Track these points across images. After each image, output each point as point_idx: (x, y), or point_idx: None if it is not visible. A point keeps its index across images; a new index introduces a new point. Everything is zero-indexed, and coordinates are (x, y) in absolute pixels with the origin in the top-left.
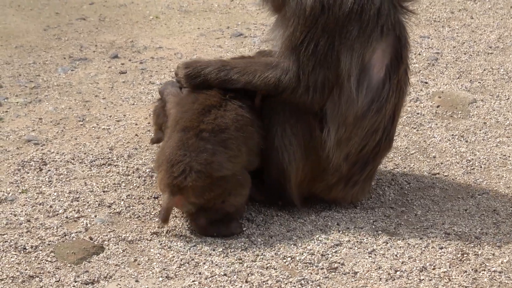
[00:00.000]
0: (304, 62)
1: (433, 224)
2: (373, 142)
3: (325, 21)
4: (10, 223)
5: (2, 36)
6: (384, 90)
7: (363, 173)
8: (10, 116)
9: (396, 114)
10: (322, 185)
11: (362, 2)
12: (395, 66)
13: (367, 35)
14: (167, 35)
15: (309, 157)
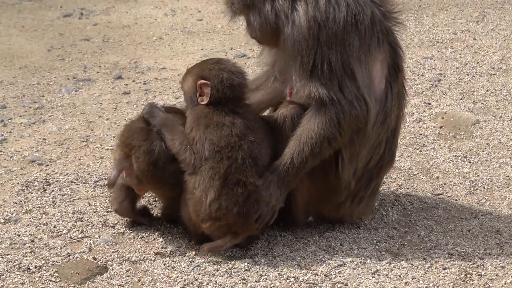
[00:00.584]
0: (328, 83)
1: (437, 244)
2: (377, 155)
3: (325, 37)
4: (14, 243)
5: (6, 57)
6: (387, 101)
7: (367, 189)
8: (14, 136)
9: (397, 126)
10: (330, 204)
11: (354, 13)
12: (394, 76)
13: (367, 44)
14: (171, 56)
15: (317, 178)
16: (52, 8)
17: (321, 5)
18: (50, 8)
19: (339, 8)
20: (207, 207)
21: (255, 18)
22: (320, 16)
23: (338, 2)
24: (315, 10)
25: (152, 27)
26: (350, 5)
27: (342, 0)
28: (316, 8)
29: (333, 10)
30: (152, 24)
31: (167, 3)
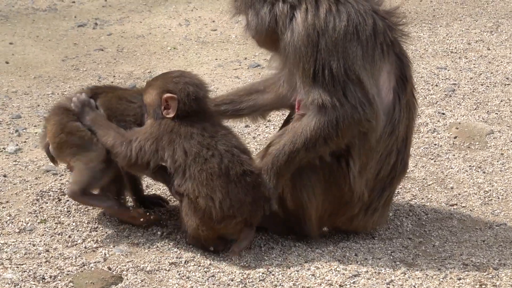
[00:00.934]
0: (331, 89)
1: (451, 255)
2: (388, 165)
3: (325, 45)
4: (29, 253)
5: (21, 66)
6: (395, 112)
7: (381, 199)
8: (29, 146)
9: (408, 136)
10: (344, 217)
11: (355, 22)
12: (402, 87)
13: (371, 55)
14: (185, 66)
15: (330, 192)
16: (67, 18)
17: (321, 14)
18: (64, 18)
19: (340, 17)
20: (218, 209)
21: (252, 18)
22: (319, 24)
23: (339, 11)
24: (315, 18)
25: (166, 37)
26: (351, 15)
27: (343, 10)
28: (316, 16)
29: (333, 19)
30: (166, 34)
31: (181, 13)
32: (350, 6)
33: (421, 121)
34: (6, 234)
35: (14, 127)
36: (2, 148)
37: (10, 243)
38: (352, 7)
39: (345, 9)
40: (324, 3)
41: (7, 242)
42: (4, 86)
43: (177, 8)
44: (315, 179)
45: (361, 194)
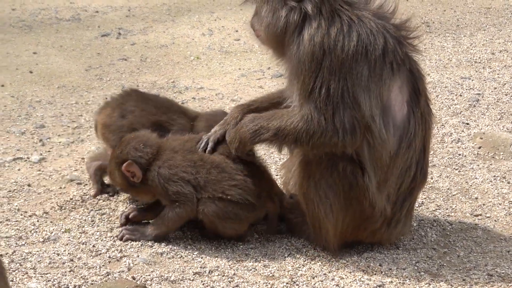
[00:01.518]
0: (322, 107)
1: (476, 265)
2: (409, 178)
3: (329, 64)
4: (53, 262)
5: (45, 76)
6: (410, 126)
7: (402, 209)
8: (53, 155)
9: (426, 146)
10: (367, 231)
11: (365, 43)
12: (415, 100)
13: (378, 74)
14: (208, 76)
15: (350, 207)
16: (90, 28)
17: (331, 32)
18: (88, 28)
19: (350, 37)
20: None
21: (266, 14)
22: (328, 42)
23: (350, 31)
24: (324, 36)
25: (189, 47)
26: (362, 35)
27: (354, 30)
28: (326, 34)
29: (342, 39)
30: (189, 44)
31: (204, 23)
32: (362, 26)
33: (445, 131)
34: (30, 243)
35: (38, 137)
36: (26, 158)
37: (35, 253)
38: (364, 27)
39: (357, 28)
40: (337, 22)
41: (31, 251)
42: (28, 95)
43: (200, 18)
44: (333, 195)
45: (383, 209)
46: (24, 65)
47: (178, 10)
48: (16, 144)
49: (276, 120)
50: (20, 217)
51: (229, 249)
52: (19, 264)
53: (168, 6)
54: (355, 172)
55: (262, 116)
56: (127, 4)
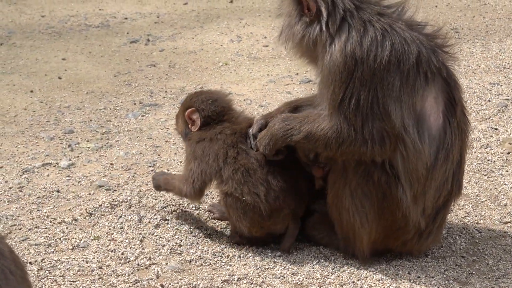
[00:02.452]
0: (352, 118)
1: (505, 274)
2: (446, 191)
3: (361, 74)
4: (82, 269)
5: (74, 82)
6: (447, 137)
7: (435, 222)
8: (82, 161)
9: (462, 156)
10: (398, 242)
11: (399, 53)
12: (451, 110)
13: (411, 84)
14: (237, 81)
15: (383, 217)
16: (119, 34)
17: (364, 42)
18: (116, 35)
19: (383, 47)
20: (265, 202)
21: (284, 28)
22: (361, 53)
23: (384, 40)
24: (356, 45)
25: (218, 53)
26: (395, 44)
27: (388, 39)
28: (358, 44)
29: (375, 48)
30: (218, 50)
31: (233, 29)
32: (396, 35)
33: (474, 136)
34: (59, 250)
35: (67, 142)
36: (55, 163)
37: (64, 260)
38: (398, 36)
39: (391, 37)
40: (370, 31)
41: (60, 259)
42: (57, 101)
43: (229, 25)
44: (369, 204)
45: (416, 222)
46: (53, 71)
47: (207, 17)
48: (45, 149)
49: (308, 124)
50: (49, 224)
51: (257, 257)
52: (48, 271)
53: (196, 13)
54: (389, 183)
55: (296, 117)
56: (156, 10)
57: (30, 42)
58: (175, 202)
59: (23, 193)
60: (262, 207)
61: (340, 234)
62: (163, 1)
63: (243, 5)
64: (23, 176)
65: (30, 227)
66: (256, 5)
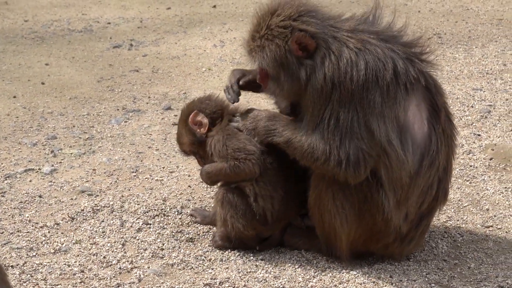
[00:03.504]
0: (330, 137)
1: (487, 277)
2: (430, 197)
3: (339, 96)
4: (64, 273)
5: (57, 87)
6: (432, 144)
7: (418, 228)
8: (64, 167)
9: (449, 163)
10: (378, 244)
11: (375, 70)
12: (435, 116)
13: (392, 98)
14: (220, 87)
15: (363, 219)
16: (102, 39)
17: (341, 65)
18: (100, 39)
19: (358, 67)
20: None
21: (286, 79)
22: (338, 75)
23: (357, 60)
24: (334, 69)
25: (201, 58)
26: (369, 63)
27: (362, 58)
28: (336, 67)
29: (351, 69)
30: (201, 55)
31: (216, 34)
32: (369, 53)
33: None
34: (41, 254)
35: (50, 148)
36: (37, 169)
37: (45, 264)
38: (371, 54)
39: (364, 56)
40: (345, 52)
41: (42, 262)
42: (39, 107)
43: (212, 29)
44: (349, 206)
45: (397, 227)
46: (36, 76)
47: (190, 22)
48: (27, 155)
49: (290, 131)
50: (31, 228)
51: (239, 260)
52: (30, 275)
53: (180, 18)
54: (371, 188)
55: (281, 119)
56: (139, 15)
57: (13, 47)
58: (157, 207)
59: (5, 198)
60: (269, 215)
61: (321, 235)
62: (146, 6)
63: (226, 10)
64: (5, 181)
65: (12, 231)
66: (240, 10)
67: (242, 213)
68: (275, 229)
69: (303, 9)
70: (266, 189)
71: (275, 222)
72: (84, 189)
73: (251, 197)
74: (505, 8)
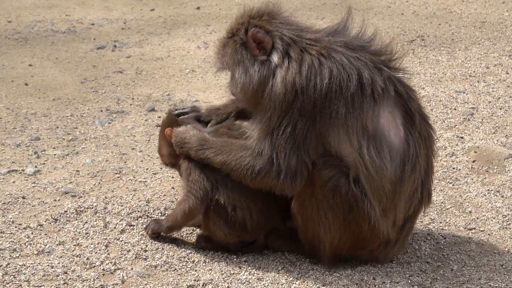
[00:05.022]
0: (281, 145)
1: (469, 279)
2: (416, 200)
3: (300, 104)
4: (47, 274)
5: (40, 88)
6: (411, 148)
7: (402, 231)
8: (48, 168)
9: (430, 165)
10: (364, 250)
11: (339, 79)
12: (409, 121)
13: (358, 108)
14: (204, 89)
15: (349, 228)
16: (86, 40)
17: (303, 70)
18: (83, 41)
19: (322, 75)
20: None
21: (239, 75)
22: (300, 82)
23: (321, 68)
24: (296, 75)
25: (185, 60)
26: (334, 71)
27: (326, 67)
28: (298, 73)
29: (314, 77)
30: (185, 56)
31: (199, 36)
32: (333, 61)
33: (439, 144)
34: (24, 255)
35: (33, 149)
36: (21, 170)
37: (29, 265)
38: (335, 62)
39: (329, 64)
40: (307, 58)
41: (25, 263)
42: (23, 108)
43: (195, 31)
44: (333, 216)
45: (385, 233)
46: (20, 77)
47: (174, 23)
48: (11, 156)
49: (223, 155)
50: (14, 229)
51: (223, 262)
52: (13, 276)
53: (163, 19)
54: (357, 197)
55: (211, 146)
56: (123, 16)
57: None
58: (140, 208)
59: None
60: (249, 224)
61: (304, 240)
62: (130, 7)
63: (209, 11)
64: None
65: None
66: (223, 11)
67: (224, 222)
68: (259, 234)
69: (265, 11)
70: (242, 201)
71: (256, 230)
72: (67, 190)
73: (229, 208)
74: (488, 11)
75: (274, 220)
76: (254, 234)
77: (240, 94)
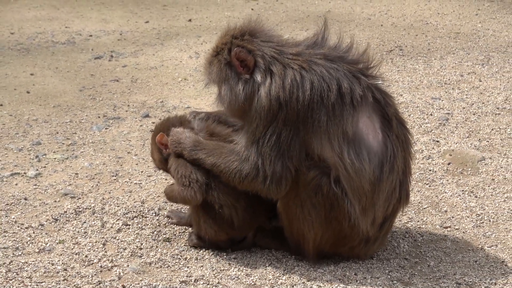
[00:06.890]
0: (267, 152)
1: (445, 274)
2: (394, 199)
3: (284, 115)
4: (48, 271)
5: (41, 96)
6: (388, 150)
7: (382, 229)
8: (48, 171)
9: (407, 165)
10: (345, 247)
11: (319, 91)
12: (387, 125)
13: (339, 116)
14: (195, 96)
15: (330, 226)
16: (84, 51)
17: (286, 85)
18: (82, 51)
19: (303, 87)
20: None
21: (225, 92)
22: (284, 95)
23: (303, 80)
24: (279, 89)
25: (177, 69)
26: (314, 83)
27: (307, 79)
28: (281, 87)
29: (296, 90)
30: (177, 66)
31: (191, 46)
32: (314, 74)
33: (416, 148)
34: (26, 253)
35: (35, 153)
36: (23, 173)
37: (30, 262)
38: (316, 75)
39: (310, 77)
40: (289, 73)
41: (27, 261)
42: (25, 114)
43: (187, 42)
44: (315, 213)
45: (365, 231)
46: (22, 85)
47: (167, 35)
48: (13, 160)
49: (214, 157)
50: (17, 229)
51: (213, 259)
52: (16, 273)
53: (157, 31)
54: (337, 196)
55: (204, 147)
56: (119, 28)
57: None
58: (136, 208)
59: None
60: (236, 221)
61: (289, 238)
62: (125, 20)
63: (201, 23)
64: None
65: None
66: (213, 23)
67: (213, 220)
68: (247, 232)
69: (247, 29)
70: (227, 199)
71: (243, 227)
72: (67, 192)
73: (216, 206)
74: (462, 23)
75: (260, 219)
76: (241, 231)
77: (227, 109)
